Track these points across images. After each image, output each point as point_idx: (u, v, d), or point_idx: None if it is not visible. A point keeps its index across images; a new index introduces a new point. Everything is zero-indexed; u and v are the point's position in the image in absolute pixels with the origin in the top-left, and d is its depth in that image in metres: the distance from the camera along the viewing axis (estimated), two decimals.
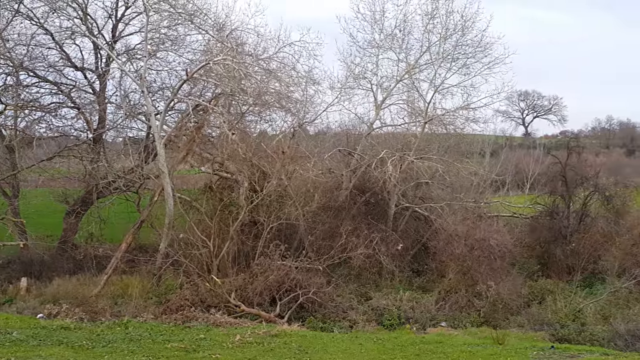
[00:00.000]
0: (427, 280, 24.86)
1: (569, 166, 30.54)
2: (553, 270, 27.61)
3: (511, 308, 22.09)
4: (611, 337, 18.52)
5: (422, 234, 27.01)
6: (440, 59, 29.06)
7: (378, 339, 15.16)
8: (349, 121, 31.26)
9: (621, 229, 29.79)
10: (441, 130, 30.74)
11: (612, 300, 22.77)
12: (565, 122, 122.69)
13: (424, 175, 27.07)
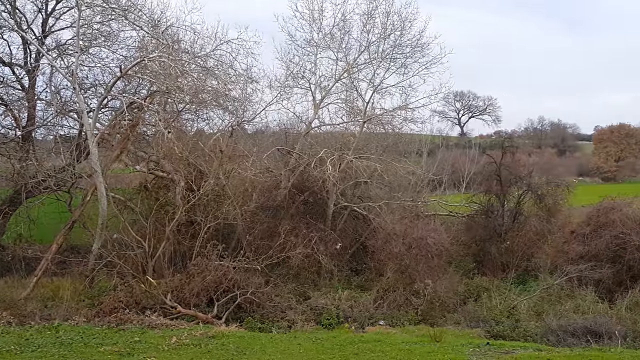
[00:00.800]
0: (366, 279, 24.91)
1: (503, 166, 31.09)
2: (488, 267, 28.04)
3: (448, 306, 22.29)
4: (544, 333, 18.82)
5: (360, 233, 27.07)
6: (378, 59, 29.17)
7: (317, 339, 15.03)
8: (288, 120, 31.16)
9: (553, 227, 30.50)
10: (379, 130, 30.92)
11: (544, 297, 23.20)
12: (499, 123, 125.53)
13: (362, 175, 27.12)
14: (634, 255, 25.02)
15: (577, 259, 25.87)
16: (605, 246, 26.07)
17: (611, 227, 26.70)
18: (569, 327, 18.77)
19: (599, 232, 27.01)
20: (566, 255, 26.59)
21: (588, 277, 24.07)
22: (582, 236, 27.61)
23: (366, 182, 27.40)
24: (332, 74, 29.60)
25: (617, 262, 25.44)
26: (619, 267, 25.21)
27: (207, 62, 24.69)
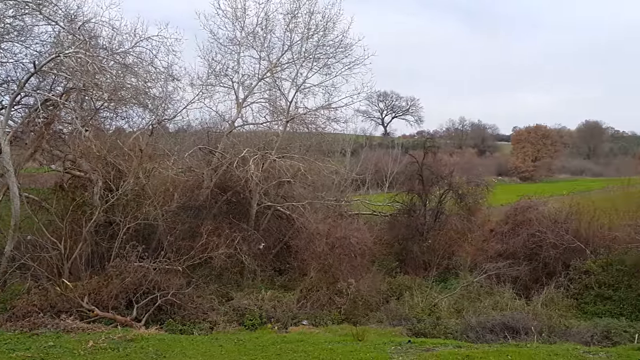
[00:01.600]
0: (290, 279, 24.81)
1: (425, 165, 31.58)
2: (411, 266, 28.41)
3: (371, 304, 22.45)
4: (464, 330, 19.16)
5: (284, 233, 26.92)
6: (302, 59, 29.13)
7: (239, 340, 14.85)
8: (210, 119, 30.69)
9: (473, 226, 31.18)
10: (303, 129, 30.82)
11: (464, 294, 23.64)
12: (421, 123, 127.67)
13: (285, 174, 26.95)
14: (549, 253, 25.80)
15: (496, 256, 26.53)
16: (522, 244, 26.83)
17: (528, 226, 27.53)
18: (487, 324, 19.16)
19: (517, 230, 27.78)
20: (485, 254, 27.21)
21: (506, 275, 24.68)
22: (500, 234, 28.34)
23: (289, 181, 27.25)
24: (255, 73, 29.41)
25: (534, 260, 26.23)
26: (535, 264, 26.00)
27: (126, 59, 24.05)
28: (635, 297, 23.17)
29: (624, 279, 23.89)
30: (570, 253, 26.02)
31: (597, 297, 23.83)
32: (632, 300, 23.17)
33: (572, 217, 28.72)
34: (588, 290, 24.13)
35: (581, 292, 24.22)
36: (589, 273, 24.55)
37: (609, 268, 24.48)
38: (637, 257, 24.25)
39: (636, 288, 23.32)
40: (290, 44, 28.95)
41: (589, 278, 24.36)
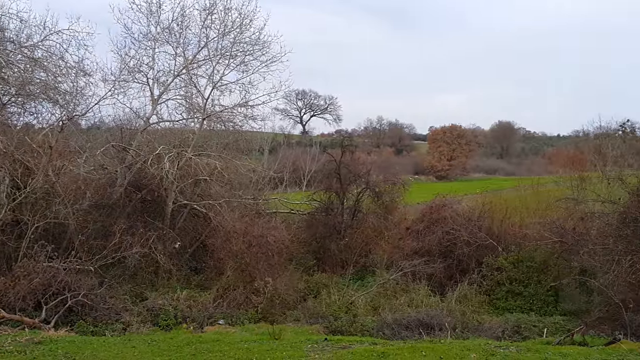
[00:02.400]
0: (206, 278, 24.46)
1: (343, 164, 31.73)
2: (328, 264, 28.49)
3: (288, 303, 22.39)
4: (380, 327, 19.34)
5: (200, 232, 26.52)
6: (218, 55, 28.70)
7: (153, 341, 14.54)
8: (124, 115, 29.78)
9: (390, 224, 31.50)
10: (220, 127, 30.42)
11: (381, 292, 23.87)
12: (340, 122, 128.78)
13: (202, 172, 26.60)
14: (463, 250, 26.33)
15: (412, 254, 26.87)
16: (437, 242, 27.27)
17: (443, 224, 27.99)
18: (403, 321, 19.38)
19: (432, 228, 28.22)
20: (402, 251, 27.53)
21: (422, 272, 25.04)
22: (416, 232, 28.73)
23: (206, 180, 26.91)
24: (171, 69, 28.77)
25: (448, 257, 26.70)
26: (449, 261, 26.46)
27: (35, 52, 23.24)
28: (544, 292, 23.89)
29: (534, 275, 24.57)
30: (483, 250, 26.60)
31: (508, 293, 24.43)
32: (541, 296, 23.88)
33: (485, 215, 29.40)
34: (500, 287, 24.71)
35: (493, 289, 24.79)
36: (501, 270, 25.13)
37: (520, 265, 25.12)
38: (546, 254, 25.02)
39: (545, 284, 24.02)
40: (207, 40, 28.51)
41: (500, 275, 24.94)
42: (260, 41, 28.77)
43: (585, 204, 29.36)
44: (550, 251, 24.94)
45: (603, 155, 38.17)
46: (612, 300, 18.37)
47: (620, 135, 45.26)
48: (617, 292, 18.55)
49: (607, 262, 20.27)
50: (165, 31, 28.31)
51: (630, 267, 18.99)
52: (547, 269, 24.72)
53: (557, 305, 23.34)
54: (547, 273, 24.54)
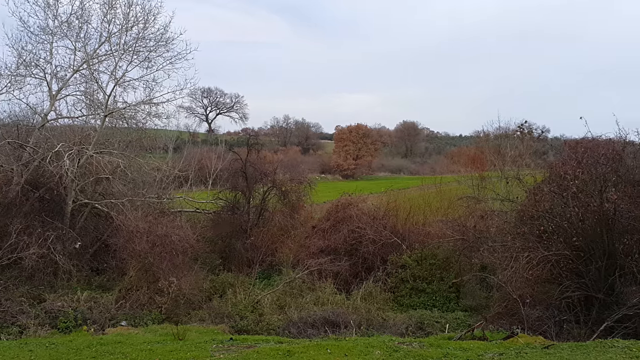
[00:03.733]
0: (108, 279, 23.88)
1: (249, 163, 31.56)
2: (234, 263, 28.27)
3: (193, 303, 22.10)
4: (286, 326, 19.39)
5: (102, 231, 25.83)
6: (120, 51, 27.92)
7: (51, 344, 14.05)
8: (20, 112, 28.65)
9: (296, 223, 31.58)
10: (122, 124, 29.65)
11: (287, 291, 23.81)
12: (246, 120, 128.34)
13: (104, 171, 25.87)
14: (368, 248, 26.59)
15: (318, 252, 26.92)
16: (343, 240, 27.44)
17: (349, 222, 28.18)
18: (309, 319, 19.51)
19: (338, 227, 28.38)
20: (308, 250, 27.55)
21: (328, 270, 25.13)
22: (322, 231, 28.83)
23: (108, 178, 26.19)
24: (70, 65, 27.79)
25: (354, 255, 26.89)
26: (355, 259, 26.66)
27: None
28: (446, 289, 24.39)
29: (437, 273, 25.05)
30: (388, 248, 26.88)
31: (412, 290, 24.78)
32: (443, 293, 24.35)
33: (390, 213, 29.76)
34: (404, 284, 25.03)
35: (398, 286, 25.09)
36: (405, 267, 25.47)
37: (423, 262, 25.52)
38: (448, 252, 25.56)
39: (447, 281, 24.53)
40: (109, 35, 27.65)
41: (404, 272, 25.28)
42: (165, 38, 28.20)
43: (485, 202, 30.22)
44: (452, 248, 25.46)
45: (502, 155, 39.33)
46: (510, 295, 18.94)
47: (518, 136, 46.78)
48: (515, 287, 19.13)
49: (505, 259, 20.88)
50: (64, 25, 27.33)
51: (527, 263, 19.63)
52: (450, 266, 25.24)
53: (458, 302, 23.84)
54: (449, 270, 25.07)
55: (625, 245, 19.17)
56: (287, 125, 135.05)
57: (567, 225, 20.47)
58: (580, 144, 23.03)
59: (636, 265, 18.20)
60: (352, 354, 12.01)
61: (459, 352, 12.06)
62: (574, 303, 18.82)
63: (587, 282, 18.91)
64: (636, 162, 21.66)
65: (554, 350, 11.60)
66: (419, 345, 13.24)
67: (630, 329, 16.46)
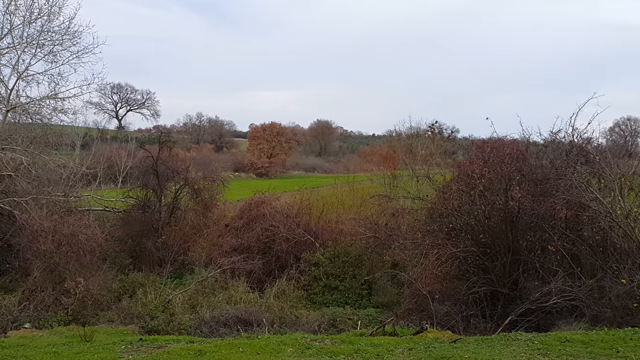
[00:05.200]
0: (11, 280, 23.06)
1: (161, 160, 31.03)
2: (145, 263, 27.79)
3: (101, 303, 21.57)
4: (198, 325, 19.20)
5: (4, 231, 24.86)
6: (23, 44, 26.85)
7: None
8: None
9: (209, 221, 31.30)
10: (26, 120, 28.55)
11: (199, 290, 23.55)
12: (158, 117, 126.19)
13: (6, 168, 24.87)
14: (281, 246, 26.58)
15: (231, 251, 26.73)
16: (256, 238, 27.34)
17: (262, 220, 28.10)
18: (221, 318, 19.37)
19: (251, 225, 28.25)
20: (221, 248, 27.33)
21: (241, 269, 24.98)
22: (235, 229, 28.63)
23: (11, 176, 25.18)
24: None
25: (267, 253, 26.84)
26: (268, 257, 26.61)
27: None
28: (358, 286, 24.64)
29: (349, 270, 25.27)
30: (301, 246, 26.94)
31: (325, 287, 24.94)
32: (356, 290, 24.59)
33: (303, 211, 29.81)
34: (317, 282, 25.16)
35: (311, 284, 25.21)
36: (318, 265, 25.60)
37: (336, 260, 25.72)
38: (361, 249, 25.80)
39: (360, 278, 24.77)
40: (10, 27, 26.51)
41: (318, 270, 25.41)
42: (71, 31, 27.27)
43: (396, 200, 30.72)
44: (365, 246, 25.71)
45: (413, 154, 40.03)
46: (420, 291, 19.31)
47: (429, 136, 47.76)
48: (425, 283, 19.52)
49: (415, 256, 21.31)
50: None
51: (436, 260, 20.07)
52: (362, 264, 25.52)
53: (370, 298, 24.13)
54: (362, 267, 25.34)
55: (529, 241, 19.91)
56: (200, 123, 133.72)
57: (474, 222, 21.05)
58: (486, 144, 23.72)
59: (538, 261, 18.89)
60: (265, 352, 11.92)
61: (370, 347, 12.15)
62: (481, 298, 19.39)
63: (492, 278, 19.50)
64: (538, 161, 22.50)
65: (461, 344, 11.85)
66: (331, 342, 13.28)
67: (533, 323, 17.08)
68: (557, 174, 20.90)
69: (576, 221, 19.98)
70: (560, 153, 22.81)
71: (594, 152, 21.05)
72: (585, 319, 16.07)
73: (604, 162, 19.14)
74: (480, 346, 11.57)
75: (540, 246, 19.69)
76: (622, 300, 15.14)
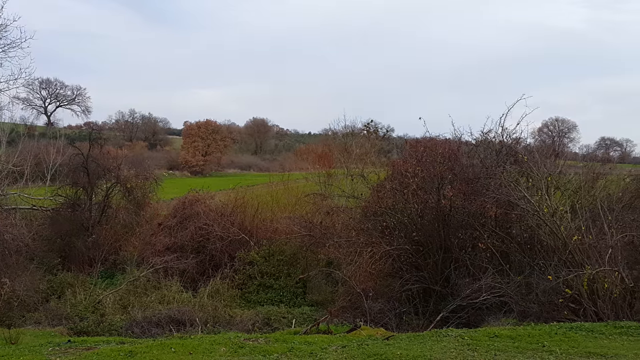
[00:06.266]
0: None
1: (92, 158, 30.32)
2: (74, 262, 27.15)
3: (28, 305, 21.03)
4: (129, 326, 18.93)
5: None
6: None
7: None
8: None
9: (141, 220, 30.80)
10: None
11: (131, 290, 23.22)
12: (89, 114, 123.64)
13: None
14: (216, 245, 26.40)
15: (164, 250, 26.43)
16: (190, 237, 27.10)
17: (196, 219, 27.84)
18: (153, 318, 19.15)
19: (185, 224, 27.98)
20: (153, 247, 26.98)
21: (174, 268, 24.77)
22: (169, 228, 28.29)
23: None
24: None
25: (201, 252, 26.68)
26: (202, 256, 26.45)
27: None
28: (293, 285, 24.65)
29: (284, 269, 25.26)
30: (235, 245, 26.83)
31: (259, 286, 24.88)
32: (290, 288, 24.61)
33: (238, 210, 29.69)
34: (251, 280, 25.09)
35: (245, 282, 25.12)
36: (253, 264, 25.54)
37: (271, 258, 25.69)
38: (296, 248, 25.83)
39: (294, 276, 24.76)
40: None
41: (252, 268, 25.34)
42: None
43: (331, 199, 30.79)
44: (300, 244, 25.76)
45: (349, 153, 40.24)
46: (354, 289, 19.40)
47: (364, 135, 48.12)
48: (359, 281, 19.63)
49: (350, 254, 21.41)
50: None
51: (370, 258, 20.22)
52: (297, 262, 25.55)
53: (305, 297, 24.19)
54: (297, 266, 25.36)
55: (460, 239, 20.25)
56: (133, 120, 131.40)
57: (407, 221, 21.27)
58: (420, 143, 24.03)
59: (469, 258, 19.21)
60: (197, 352, 11.73)
61: (304, 346, 12.10)
62: (414, 295, 19.62)
63: (425, 275, 19.75)
64: (470, 160, 22.89)
65: (393, 341, 11.90)
66: (265, 340, 13.16)
67: (464, 319, 17.37)
68: (487, 173, 21.28)
69: (505, 219, 20.41)
70: (491, 153, 23.25)
71: (523, 152, 21.49)
72: (514, 315, 16.43)
73: (531, 162, 19.60)
74: (412, 342, 11.66)
75: (471, 244, 20.04)
76: (548, 296, 15.53)
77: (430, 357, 10.36)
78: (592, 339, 11.53)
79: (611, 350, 10.61)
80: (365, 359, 10.54)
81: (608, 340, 11.47)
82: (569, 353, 10.49)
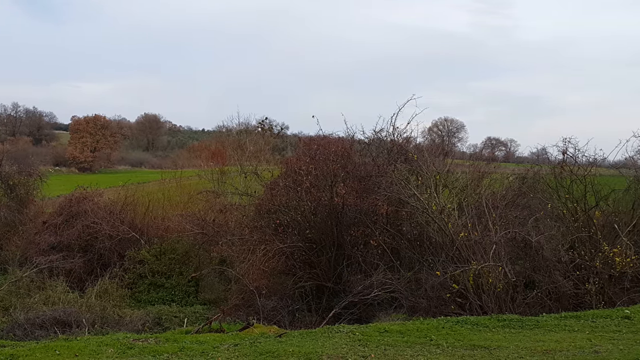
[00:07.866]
0: None
1: None
2: None
3: None
4: (10, 328, 18.27)
5: None
6: None
7: None
8: None
9: (25, 218, 29.66)
10: None
11: (13, 291, 22.33)
12: None
13: None
14: (104, 244, 25.80)
15: (49, 249, 25.64)
16: (77, 236, 26.37)
17: (84, 217, 27.10)
18: (37, 320, 18.55)
19: (72, 222, 27.21)
20: (38, 247, 26.11)
21: (60, 268, 24.07)
22: (54, 226, 27.41)
23: None
24: None
25: (89, 251, 26.03)
26: (90, 255, 25.81)
27: None
28: (185, 283, 24.39)
29: (176, 267, 24.96)
30: (125, 243, 26.34)
31: (150, 285, 24.48)
32: (182, 287, 24.33)
33: (128, 208, 29.14)
34: (142, 279, 24.67)
35: (135, 282, 24.67)
36: (143, 262, 25.11)
37: (162, 257, 25.34)
38: (188, 246, 25.58)
39: (187, 275, 24.52)
40: None
41: (143, 267, 24.91)
42: None
43: (225, 196, 30.65)
44: (192, 242, 25.55)
45: (242, 150, 40.11)
46: (247, 287, 19.40)
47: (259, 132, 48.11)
48: (252, 279, 19.66)
49: (243, 252, 21.38)
50: None
51: (263, 255, 20.27)
52: (189, 260, 25.31)
53: (197, 295, 23.99)
54: (189, 264, 25.13)
55: (352, 236, 20.62)
56: (16, 114, 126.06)
57: (301, 218, 21.45)
58: (314, 141, 24.25)
59: (361, 255, 19.60)
60: (83, 354, 11.45)
61: (195, 345, 12.02)
62: (307, 292, 19.83)
63: (318, 272, 20.00)
64: (362, 159, 23.33)
65: (286, 338, 12.00)
66: (155, 340, 12.98)
67: (355, 315, 17.72)
68: (379, 172, 21.74)
69: (396, 217, 20.94)
70: (383, 151, 23.77)
71: (413, 151, 22.10)
72: (404, 310, 16.91)
73: (421, 161, 20.18)
74: (305, 339, 11.79)
75: (363, 241, 20.44)
76: (436, 291, 16.07)
77: (322, 353, 10.52)
78: (477, 332, 12.02)
79: (494, 342, 11.09)
80: (257, 357, 10.58)
81: (491, 332, 11.99)
82: (455, 346, 10.90)
